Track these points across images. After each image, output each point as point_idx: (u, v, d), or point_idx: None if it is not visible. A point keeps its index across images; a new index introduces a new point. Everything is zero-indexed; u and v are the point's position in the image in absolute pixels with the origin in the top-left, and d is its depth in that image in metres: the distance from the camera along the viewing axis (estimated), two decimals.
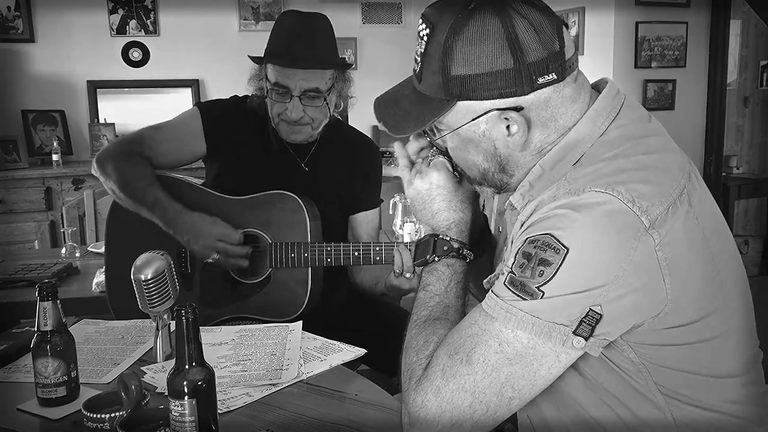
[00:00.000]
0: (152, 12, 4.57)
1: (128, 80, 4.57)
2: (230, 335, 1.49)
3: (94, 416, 1.07)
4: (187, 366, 0.97)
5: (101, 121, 4.48)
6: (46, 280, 1.20)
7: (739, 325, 0.99)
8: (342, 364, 1.35)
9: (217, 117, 1.85)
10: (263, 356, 1.37)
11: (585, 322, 0.87)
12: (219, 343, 1.44)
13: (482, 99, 0.94)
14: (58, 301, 1.18)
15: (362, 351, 1.39)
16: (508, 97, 0.93)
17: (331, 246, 1.69)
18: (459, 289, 1.08)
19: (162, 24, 4.62)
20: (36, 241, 4.02)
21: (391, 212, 2.83)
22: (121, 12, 4.53)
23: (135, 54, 4.59)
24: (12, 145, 4.20)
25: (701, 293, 0.93)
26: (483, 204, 1.26)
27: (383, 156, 4.87)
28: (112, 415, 1.06)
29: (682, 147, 1.04)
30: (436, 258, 1.10)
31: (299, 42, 1.71)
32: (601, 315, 0.87)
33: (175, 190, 1.78)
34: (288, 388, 1.25)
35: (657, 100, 3.87)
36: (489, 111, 0.95)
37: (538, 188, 0.99)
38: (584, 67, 1.02)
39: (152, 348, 1.39)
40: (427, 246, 1.11)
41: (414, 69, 1.01)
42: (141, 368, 1.34)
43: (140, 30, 4.57)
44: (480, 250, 1.15)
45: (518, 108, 0.95)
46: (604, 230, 0.87)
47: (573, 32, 3.83)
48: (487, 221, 1.22)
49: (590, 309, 0.87)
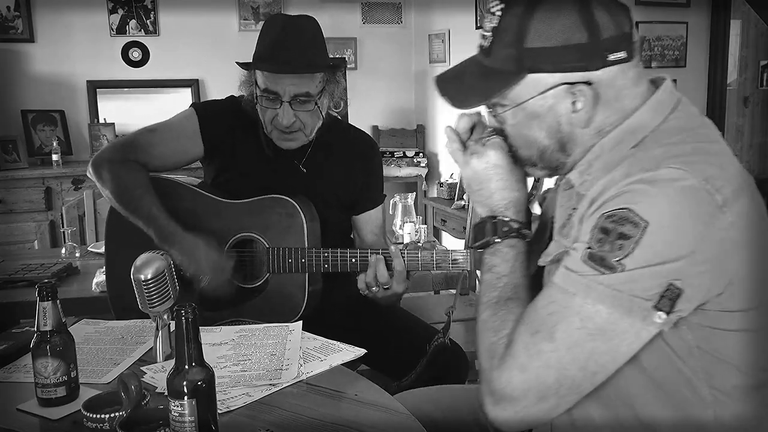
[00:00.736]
0: (152, 12, 4.58)
1: (128, 80, 4.57)
2: (230, 335, 1.49)
3: (94, 416, 1.06)
4: (187, 366, 0.97)
5: (101, 121, 4.48)
6: (46, 280, 1.19)
7: None
8: (342, 364, 1.35)
9: (214, 118, 1.84)
10: (263, 356, 1.37)
11: (666, 297, 0.88)
12: (219, 343, 1.44)
13: (554, 71, 0.97)
14: (58, 301, 1.18)
15: (362, 351, 1.39)
16: (579, 71, 0.97)
17: (328, 252, 1.68)
18: (524, 269, 1.09)
19: (162, 24, 4.62)
20: (36, 241, 4.03)
21: (391, 212, 2.83)
22: (121, 12, 4.53)
23: (135, 54, 4.59)
24: (12, 145, 4.20)
25: (759, 281, 0.94)
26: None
27: (382, 156, 4.89)
28: (112, 415, 1.06)
29: None
30: (498, 240, 1.10)
31: (286, 46, 1.69)
32: (681, 290, 0.88)
33: (172, 195, 1.77)
34: (288, 388, 1.25)
35: None
36: (559, 84, 0.98)
37: (596, 168, 1.01)
38: None
39: (152, 348, 1.39)
40: (486, 227, 1.11)
41: (481, 45, 1.03)
42: (141, 368, 1.34)
43: (140, 30, 4.57)
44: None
45: (588, 82, 0.97)
46: (682, 205, 0.89)
47: None
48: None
49: (671, 283, 0.88)
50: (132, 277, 1.34)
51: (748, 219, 0.92)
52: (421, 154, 4.93)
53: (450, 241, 4.45)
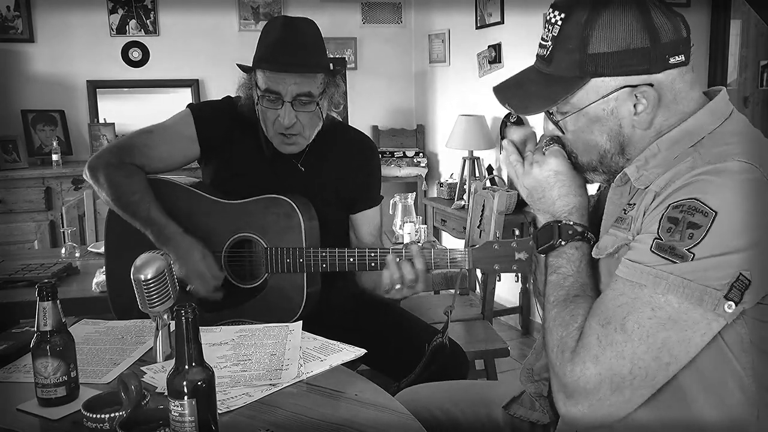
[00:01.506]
0: (152, 12, 4.58)
1: (128, 80, 4.57)
2: (230, 335, 1.49)
3: (94, 416, 1.06)
4: (187, 366, 0.97)
5: (101, 121, 4.48)
6: (46, 280, 1.19)
7: None
8: (342, 364, 1.35)
9: (210, 118, 1.84)
10: (263, 356, 1.37)
11: (735, 287, 0.89)
12: (219, 343, 1.44)
13: (617, 75, 1.01)
14: (58, 301, 1.18)
15: (362, 351, 1.39)
16: (641, 74, 1.00)
17: (326, 252, 1.68)
18: (590, 269, 1.10)
19: (162, 24, 4.62)
20: (36, 241, 4.03)
21: (391, 212, 2.83)
22: (121, 12, 4.53)
23: (135, 54, 4.59)
24: (12, 145, 4.20)
25: None
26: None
27: (382, 156, 4.89)
28: (112, 415, 1.06)
29: None
30: (563, 242, 1.11)
31: (288, 46, 1.69)
32: (750, 281, 0.89)
33: (170, 195, 1.77)
34: (288, 388, 1.25)
35: None
36: (622, 87, 1.01)
37: (653, 164, 1.03)
38: None
39: (152, 348, 1.39)
40: (552, 232, 1.12)
41: (541, 55, 1.07)
42: (141, 368, 1.34)
43: (140, 30, 4.57)
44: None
45: (650, 84, 1.01)
46: (748, 196, 0.91)
47: None
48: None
49: (741, 273, 0.89)
50: (132, 277, 1.34)
51: None
52: (421, 154, 4.93)
53: (450, 241, 4.45)
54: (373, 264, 1.66)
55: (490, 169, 4.15)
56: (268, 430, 1.09)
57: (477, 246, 1.59)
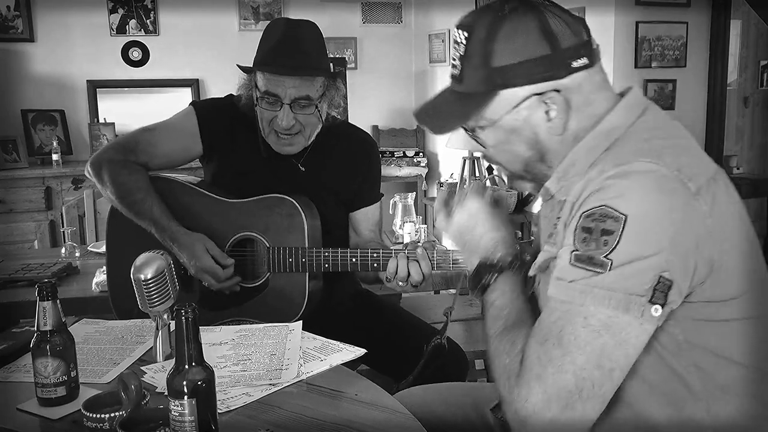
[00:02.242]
0: (152, 12, 4.58)
1: (128, 80, 4.57)
2: (230, 335, 1.49)
3: (94, 416, 1.06)
4: (187, 366, 0.97)
5: (101, 121, 4.48)
6: (46, 280, 1.19)
7: (766, 313, 1.01)
8: (342, 364, 1.35)
9: (213, 116, 1.84)
10: (263, 356, 1.37)
11: (658, 290, 0.90)
12: (219, 343, 1.44)
13: (523, 85, 1.02)
14: (58, 301, 1.18)
15: (362, 351, 1.39)
16: (547, 81, 1.01)
17: (329, 251, 1.68)
18: (524, 294, 1.11)
19: (162, 24, 4.62)
20: (36, 241, 4.03)
21: (391, 212, 2.83)
22: (121, 12, 4.53)
23: (135, 54, 4.59)
24: (12, 145, 4.20)
25: (742, 268, 0.96)
26: None
27: (382, 156, 4.89)
28: (112, 415, 1.06)
29: None
30: (492, 280, 1.13)
31: (288, 49, 1.69)
32: (672, 281, 0.90)
33: (172, 194, 1.77)
34: (288, 388, 1.25)
35: (657, 100, 3.83)
36: (530, 96, 1.02)
37: (573, 173, 1.04)
38: None
39: (152, 348, 1.39)
40: (481, 273, 1.14)
41: (453, 75, 1.09)
42: (141, 368, 1.34)
43: (140, 30, 4.57)
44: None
45: (556, 90, 1.02)
46: (657, 195, 0.91)
47: None
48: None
49: (661, 276, 0.89)
50: (132, 277, 1.34)
51: (724, 207, 0.95)
52: (421, 154, 4.93)
53: (450, 241, 4.45)
54: (376, 264, 1.66)
55: (490, 169, 4.15)
56: (268, 430, 1.09)
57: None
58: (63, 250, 2.45)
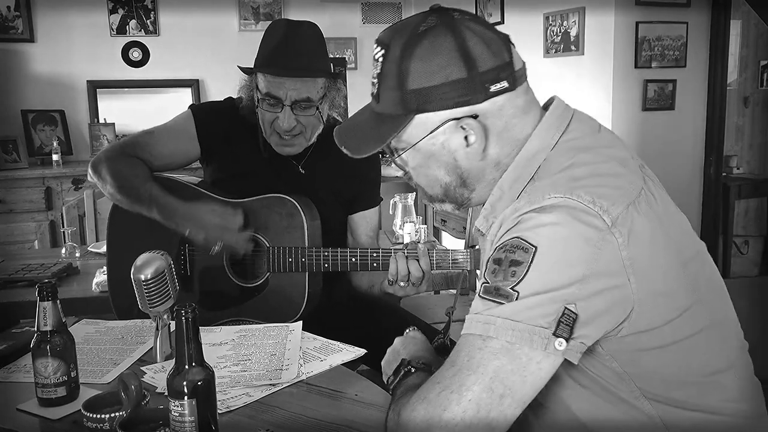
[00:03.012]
0: (152, 12, 4.58)
1: (128, 80, 4.57)
2: (230, 335, 1.49)
3: (94, 416, 1.06)
4: (187, 366, 0.97)
5: (101, 121, 4.48)
6: (46, 280, 1.19)
7: (718, 320, 1.00)
8: (342, 364, 1.35)
9: (211, 119, 1.84)
10: (263, 356, 1.37)
11: (563, 323, 0.86)
12: (219, 343, 1.44)
13: (438, 109, 0.98)
14: (58, 301, 1.18)
15: (362, 351, 1.39)
16: (464, 106, 0.97)
17: (329, 251, 1.68)
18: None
19: (162, 24, 4.62)
20: (36, 241, 4.03)
21: (391, 212, 2.83)
22: (121, 12, 4.53)
23: (135, 54, 4.59)
24: (12, 145, 4.20)
25: (670, 292, 0.93)
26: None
27: (383, 156, 4.87)
28: (112, 415, 1.06)
29: (682, 147, 1.06)
30: (411, 369, 1.12)
31: (290, 51, 1.69)
32: (577, 314, 0.87)
33: (172, 193, 1.77)
34: (288, 388, 1.25)
35: (657, 100, 3.86)
36: (446, 121, 0.99)
37: (499, 209, 1.02)
38: (584, 67, 1.04)
39: (152, 348, 1.39)
40: (398, 370, 1.14)
41: (372, 93, 1.05)
42: (141, 368, 1.34)
43: (140, 30, 4.57)
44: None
45: (474, 116, 0.98)
46: (569, 228, 0.88)
47: (573, 32, 3.83)
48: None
49: (566, 308, 0.86)
50: (132, 277, 1.34)
51: (647, 233, 0.91)
52: None
53: (450, 241, 4.45)
54: (375, 264, 1.66)
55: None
56: (268, 430, 1.09)
57: (478, 247, 1.59)
58: (63, 251, 2.45)
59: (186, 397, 0.96)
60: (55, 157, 4.17)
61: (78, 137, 4.49)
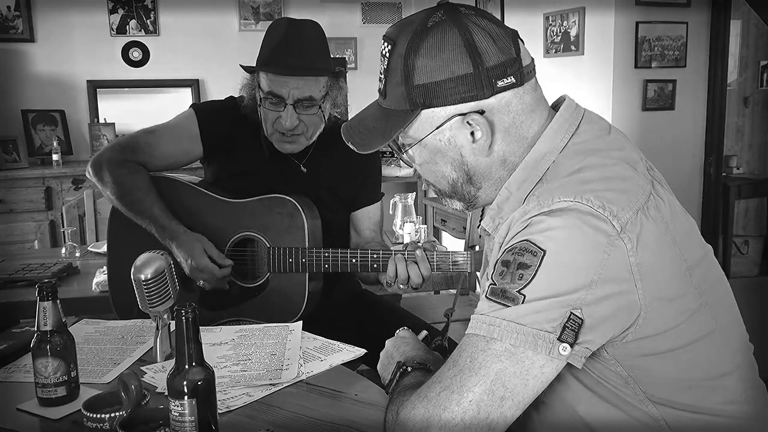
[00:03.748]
0: (152, 12, 4.57)
1: (128, 80, 4.57)
2: (230, 335, 1.49)
3: (94, 416, 1.06)
4: (187, 366, 0.97)
5: (101, 121, 4.48)
6: (46, 280, 1.19)
7: (724, 323, 1.00)
8: (342, 364, 1.35)
9: (213, 118, 1.84)
10: (263, 356, 1.37)
11: (568, 328, 0.86)
12: (219, 343, 1.44)
13: (445, 105, 0.98)
14: (58, 301, 1.18)
15: (362, 351, 1.39)
16: (470, 101, 0.97)
17: (329, 252, 1.68)
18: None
19: (162, 24, 4.62)
20: (36, 241, 4.03)
21: (391, 212, 2.84)
22: (121, 12, 4.53)
23: (135, 54, 4.59)
24: (12, 145, 4.20)
25: (677, 296, 0.93)
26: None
27: (383, 156, 4.88)
28: (112, 415, 1.06)
29: (682, 147, 1.05)
30: (408, 369, 1.12)
31: (292, 49, 1.69)
32: (583, 320, 0.87)
33: (173, 193, 1.78)
34: (288, 388, 1.25)
35: (657, 100, 3.86)
36: (452, 117, 0.98)
37: (507, 210, 1.01)
38: (584, 67, 1.03)
39: (152, 348, 1.39)
40: (395, 373, 1.14)
41: (379, 89, 1.05)
42: (141, 368, 1.34)
43: (140, 30, 4.57)
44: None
45: (480, 111, 0.98)
46: (579, 232, 0.88)
47: (573, 32, 3.83)
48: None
49: (571, 313, 0.86)
50: (132, 277, 1.34)
51: (654, 238, 0.91)
52: None
53: (450, 241, 4.45)
54: (376, 265, 1.66)
55: None
56: (268, 430, 1.09)
57: (478, 248, 1.60)
58: (63, 250, 2.45)
59: (186, 397, 0.96)
60: (55, 157, 4.17)
61: (78, 137, 4.49)
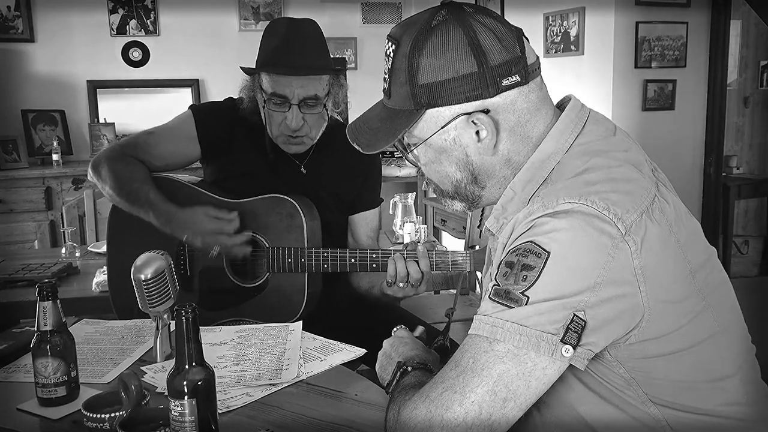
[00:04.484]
0: (152, 12, 4.58)
1: (128, 80, 4.57)
2: (230, 335, 1.49)
3: (94, 416, 1.06)
4: (187, 366, 0.97)
5: (101, 121, 4.48)
6: (46, 280, 1.19)
7: (726, 326, 0.99)
8: (342, 364, 1.35)
9: (211, 120, 1.84)
10: (263, 356, 1.37)
11: (571, 329, 0.86)
12: (219, 343, 1.44)
13: (449, 104, 0.98)
14: (58, 301, 1.18)
15: (362, 351, 1.39)
16: (475, 100, 0.97)
17: (328, 252, 1.68)
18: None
19: (162, 24, 4.62)
20: (36, 241, 4.03)
21: (391, 212, 2.84)
22: (121, 12, 4.53)
23: (135, 54, 4.59)
24: (12, 145, 4.20)
25: (680, 299, 0.93)
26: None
27: (383, 156, 4.88)
28: (112, 415, 1.06)
29: (682, 147, 1.05)
30: (408, 369, 1.12)
31: (293, 49, 1.69)
32: (586, 322, 0.87)
33: (173, 193, 1.77)
34: (288, 388, 1.25)
35: (657, 100, 3.86)
36: (457, 116, 0.98)
37: (511, 210, 1.01)
38: (584, 67, 1.03)
39: (152, 348, 1.39)
40: (395, 373, 1.14)
41: (383, 89, 1.05)
42: (141, 368, 1.34)
43: (140, 30, 4.57)
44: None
45: (485, 110, 0.97)
46: (583, 234, 0.88)
47: (573, 32, 3.83)
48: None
49: (575, 315, 0.86)
50: (132, 277, 1.34)
51: (659, 240, 0.91)
52: None
53: (450, 241, 4.46)
54: (375, 265, 1.66)
55: None
56: (269, 430, 1.09)
57: (478, 248, 1.60)
58: (63, 250, 2.45)
59: (186, 397, 0.96)
60: (55, 157, 4.17)
61: (78, 137, 4.49)
